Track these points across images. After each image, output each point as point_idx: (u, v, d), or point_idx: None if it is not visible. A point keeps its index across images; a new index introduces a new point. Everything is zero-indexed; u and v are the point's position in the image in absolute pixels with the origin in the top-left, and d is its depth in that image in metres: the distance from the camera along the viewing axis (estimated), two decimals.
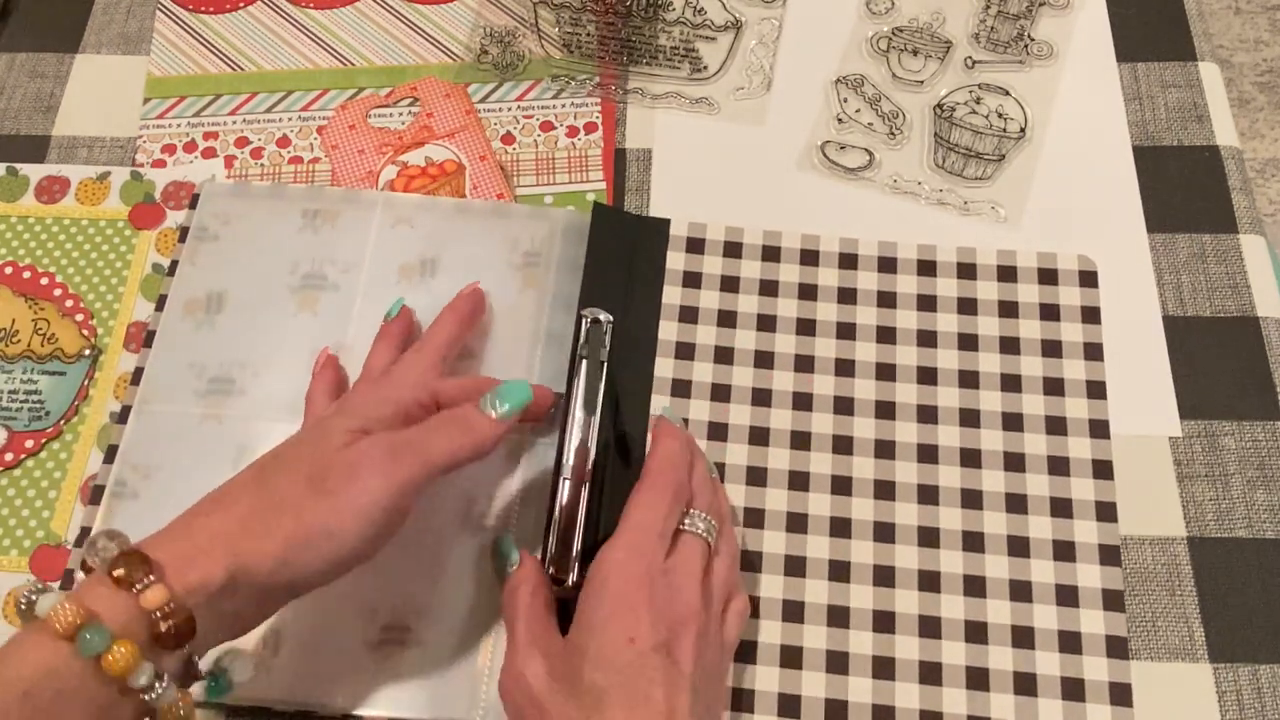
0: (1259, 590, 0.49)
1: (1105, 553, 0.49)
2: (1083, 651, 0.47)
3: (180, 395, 0.53)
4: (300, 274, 0.55)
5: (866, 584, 0.49)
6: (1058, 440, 0.51)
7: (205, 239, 0.57)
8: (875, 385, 0.53)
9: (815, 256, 0.56)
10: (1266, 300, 0.55)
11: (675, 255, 0.56)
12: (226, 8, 0.66)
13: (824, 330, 0.54)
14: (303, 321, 0.54)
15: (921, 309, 0.55)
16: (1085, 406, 0.52)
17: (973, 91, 0.61)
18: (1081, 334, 0.54)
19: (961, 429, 0.52)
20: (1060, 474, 0.51)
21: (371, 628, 0.47)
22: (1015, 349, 0.54)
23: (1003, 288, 0.55)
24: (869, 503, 0.50)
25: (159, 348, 0.54)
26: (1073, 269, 0.56)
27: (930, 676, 0.47)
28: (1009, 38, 0.63)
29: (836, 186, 0.59)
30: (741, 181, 0.59)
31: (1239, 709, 0.46)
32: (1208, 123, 0.60)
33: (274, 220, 0.57)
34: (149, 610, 0.35)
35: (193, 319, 0.55)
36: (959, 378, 0.53)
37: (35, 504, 0.52)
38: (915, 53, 0.63)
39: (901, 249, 0.56)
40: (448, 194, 0.58)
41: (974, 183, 0.59)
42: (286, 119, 0.62)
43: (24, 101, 0.63)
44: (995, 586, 0.48)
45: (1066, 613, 0.48)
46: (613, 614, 0.40)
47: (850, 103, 0.62)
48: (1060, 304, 0.55)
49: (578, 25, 0.63)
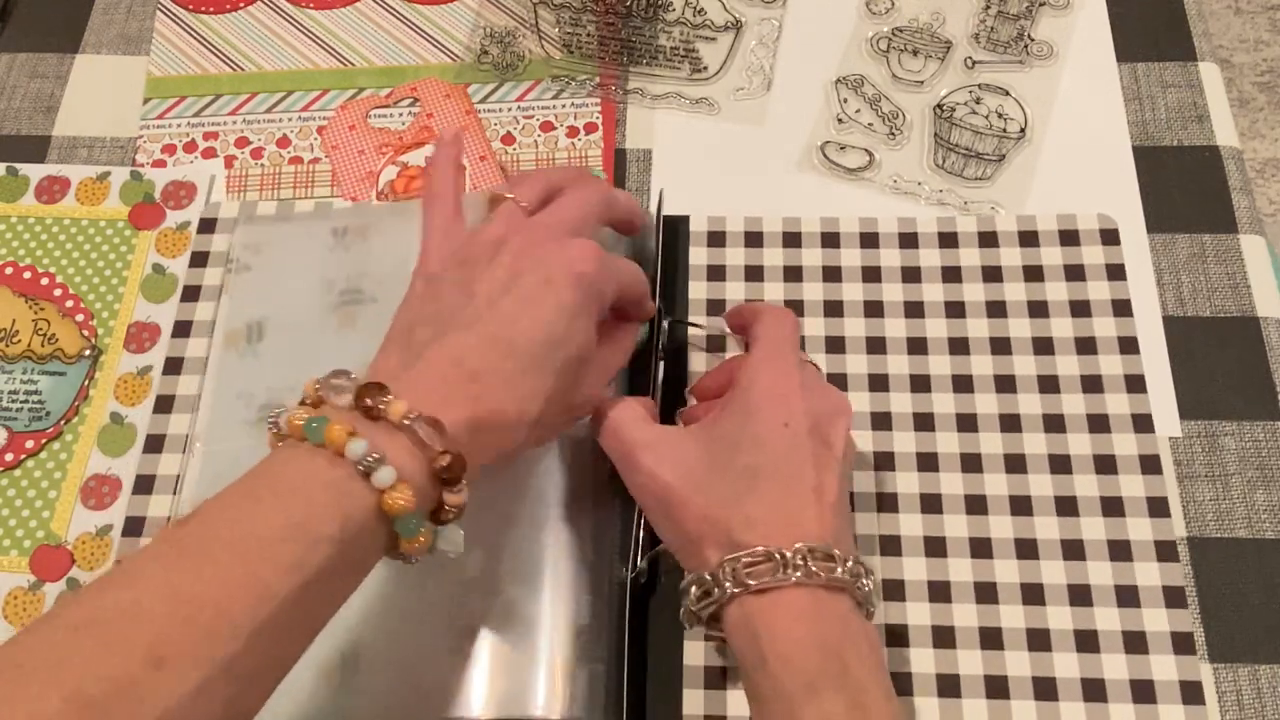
0: (1259, 590, 0.49)
1: (1153, 505, 0.49)
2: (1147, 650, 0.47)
3: (233, 427, 0.52)
4: (336, 291, 0.55)
5: (918, 556, 0.49)
6: (1095, 398, 0.51)
7: (238, 270, 0.56)
8: (908, 360, 0.53)
9: (836, 239, 0.56)
10: (1266, 300, 0.55)
11: (697, 250, 0.56)
12: (226, 8, 0.66)
13: (851, 310, 0.54)
14: (344, 338, 0.54)
15: (947, 280, 0.55)
16: (1119, 363, 0.52)
17: (973, 92, 0.62)
18: (1109, 291, 0.54)
19: (999, 395, 0.52)
20: (1101, 431, 0.51)
21: (449, 634, 0.47)
22: (1044, 312, 0.54)
23: (1025, 253, 0.55)
24: (913, 475, 0.50)
25: (208, 385, 0.54)
26: (1094, 228, 0.56)
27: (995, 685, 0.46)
28: (1009, 38, 0.63)
29: (837, 187, 0.59)
30: (742, 182, 0.59)
31: (1239, 709, 0.46)
32: (1208, 123, 0.60)
33: (303, 242, 0.57)
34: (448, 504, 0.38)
35: (235, 350, 0.54)
36: (990, 345, 0.53)
37: (35, 504, 0.52)
38: (915, 53, 0.63)
39: (921, 223, 0.56)
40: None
41: (974, 183, 0.59)
42: (286, 119, 0.62)
43: (24, 101, 0.63)
44: (1046, 548, 0.48)
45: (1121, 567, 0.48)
46: (765, 402, 0.42)
47: (850, 103, 0.62)
48: (1085, 264, 0.55)
49: (578, 25, 0.63)
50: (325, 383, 0.38)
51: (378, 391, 0.37)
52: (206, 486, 0.51)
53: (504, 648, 0.47)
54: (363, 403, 0.37)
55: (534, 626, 0.48)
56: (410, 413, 0.36)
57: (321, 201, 0.59)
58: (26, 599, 0.50)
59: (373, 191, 0.59)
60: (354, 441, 0.35)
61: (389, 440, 0.36)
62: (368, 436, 0.36)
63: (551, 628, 0.47)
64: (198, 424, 0.53)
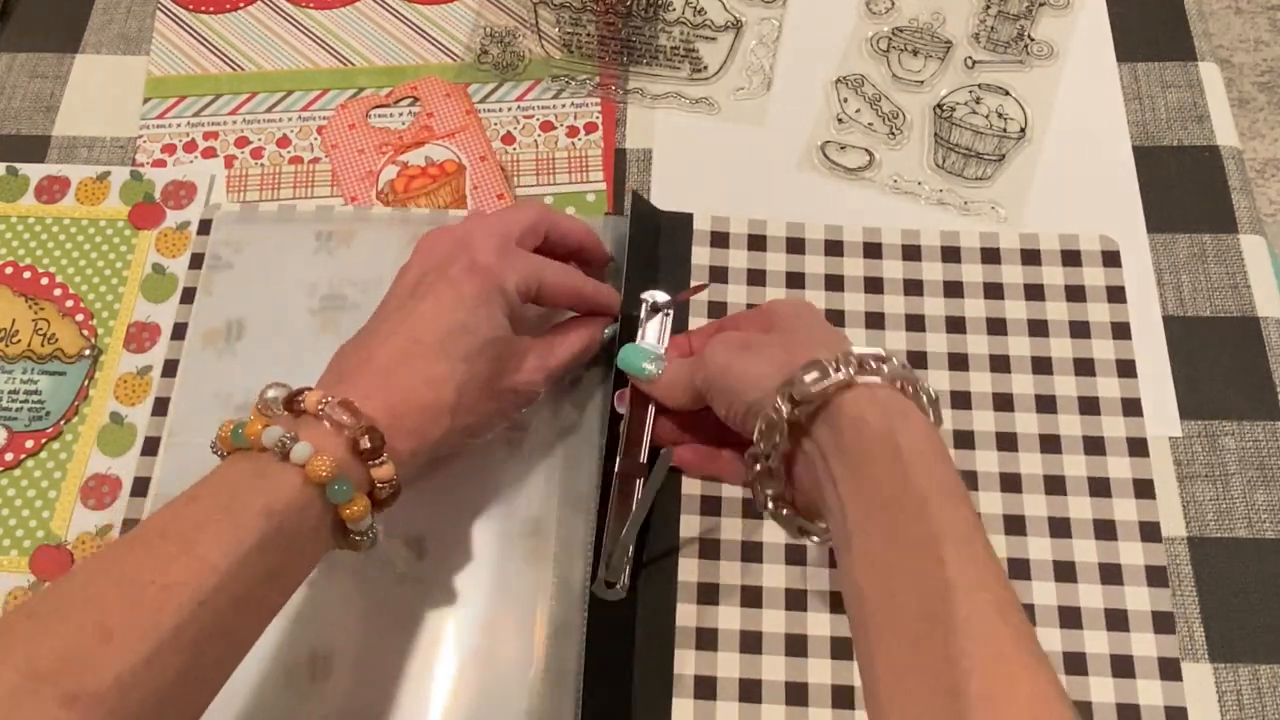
0: (1259, 590, 0.49)
1: (1146, 529, 0.49)
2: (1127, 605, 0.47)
3: (209, 426, 0.52)
4: (319, 296, 0.55)
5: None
6: (1092, 420, 0.52)
7: (219, 268, 0.57)
8: None
9: (840, 247, 0.56)
10: (1266, 300, 0.55)
11: (700, 250, 0.56)
12: (226, 8, 0.66)
13: (853, 320, 0.55)
14: (326, 343, 0.53)
15: (949, 295, 0.55)
16: (1117, 385, 0.53)
17: (973, 91, 0.61)
18: (1108, 314, 0.54)
19: (996, 413, 0.52)
20: (1096, 453, 0.51)
21: (420, 641, 0.47)
22: (1044, 331, 0.54)
23: (1027, 271, 0.55)
24: None
25: (182, 379, 0.54)
26: (1095, 249, 0.56)
27: None
28: (1009, 38, 0.63)
29: (837, 186, 0.59)
30: (742, 181, 0.59)
31: (1239, 709, 0.46)
32: (1208, 123, 0.60)
33: (287, 244, 0.57)
34: (376, 479, 0.41)
35: (213, 349, 0.54)
36: (990, 362, 0.53)
37: (35, 504, 0.52)
38: (915, 53, 0.63)
39: (925, 236, 0.56)
40: (448, 194, 0.58)
41: (974, 183, 0.59)
42: (286, 119, 0.62)
43: (24, 101, 0.63)
44: (1039, 569, 0.49)
45: (1106, 546, 0.49)
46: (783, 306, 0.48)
47: (850, 103, 0.62)
48: (1085, 284, 0.55)
49: (578, 25, 0.63)
50: (261, 397, 0.43)
51: (298, 392, 0.42)
52: (175, 481, 0.52)
53: (477, 656, 0.47)
54: (288, 404, 0.41)
55: (507, 634, 0.48)
56: (324, 399, 0.41)
57: (304, 204, 0.59)
58: (26, 599, 0.50)
59: (373, 191, 0.59)
60: (268, 429, 0.39)
61: (308, 426, 0.40)
62: (285, 425, 0.40)
63: (525, 636, 0.48)
64: (168, 419, 0.53)
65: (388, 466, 0.41)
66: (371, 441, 0.40)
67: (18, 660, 0.33)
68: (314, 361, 0.54)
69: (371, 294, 0.54)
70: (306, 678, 0.47)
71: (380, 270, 0.55)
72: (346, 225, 0.57)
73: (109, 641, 0.34)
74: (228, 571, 0.36)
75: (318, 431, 0.40)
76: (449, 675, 0.47)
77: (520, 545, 0.50)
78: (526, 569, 0.49)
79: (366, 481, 0.41)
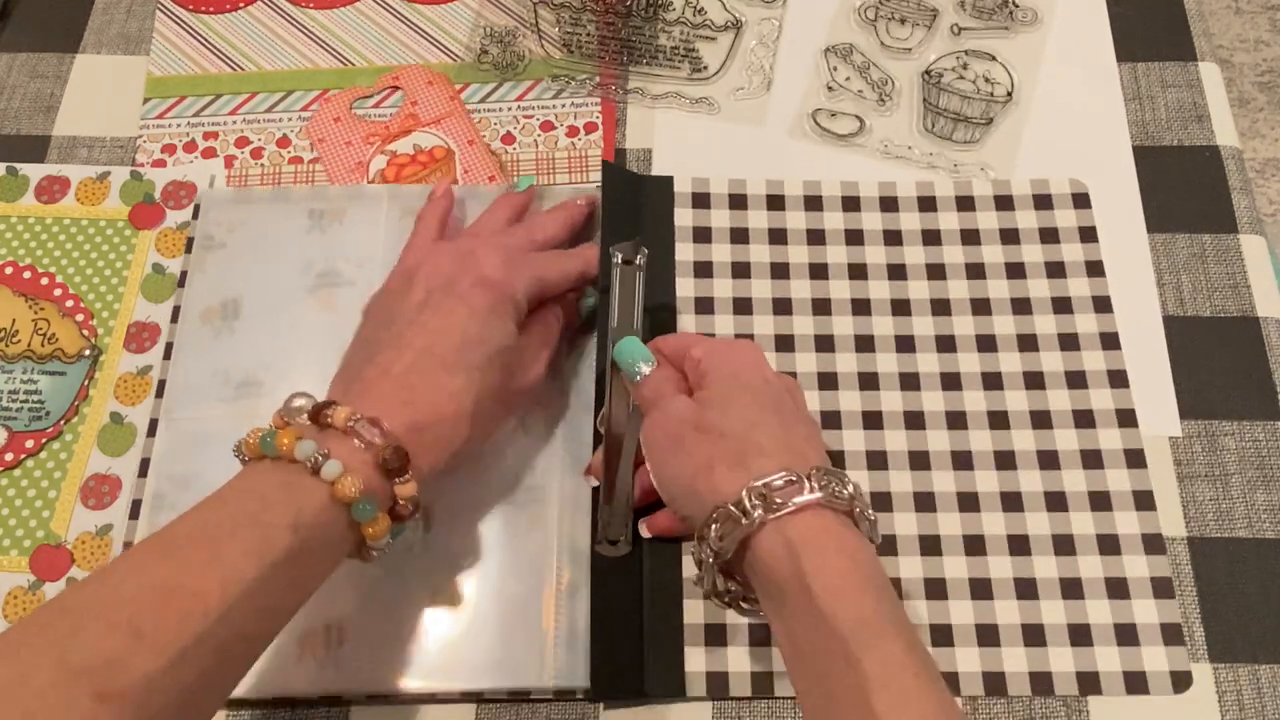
0: (1259, 590, 0.49)
1: (1130, 457, 0.51)
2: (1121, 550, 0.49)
3: (207, 402, 0.53)
4: (314, 273, 0.56)
5: (909, 511, 0.50)
6: (1072, 355, 0.53)
7: (212, 247, 0.57)
8: (892, 321, 0.54)
9: (819, 201, 0.57)
10: (1266, 300, 0.55)
11: (683, 212, 0.57)
12: (226, 8, 0.66)
13: (836, 272, 0.56)
14: (323, 319, 0.55)
15: (927, 243, 0.56)
16: (1094, 321, 0.54)
17: (959, 58, 0.62)
18: (1082, 253, 0.56)
19: (980, 354, 0.53)
20: (1079, 387, 0.52)
21: (432, 607, 0.48)
22: (1021, 273, 0.55)
23: (1001, 216, 0.57)
24: (901, 434, 0.51)
25: (179, 357, 0.54)
26: (1065, 192, 0.58)
27: (935, 592, 0.48)
28: (994, 4, 0.64)
29: (828, 153, 0.60)
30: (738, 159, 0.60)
31: (1239, 709, 0.46)
32: (1208, 123, 0.60)
33: (280, 223, 0.57)
34: (399, 496, 0.42)
35: (210, 327, 0.55)
36: (971, 305, 0.55)
37: (35, 504, 0.52)
38: (903, 21, 0.64)
39: (901, 187, 0.58)
40: (440, 179, 0.59)
41: (963, 146, 0.60)
42: (286, 119, 0.62)
43: (24, 101, 0.63)
44: (1031, 499, 0.50)
45: (1102, 517, 0.50)
46: (741, 368, 0.46)
47: (840, 71, 0.62)
48: (1058, 226, 0.56)
49: (578, 25, 0.63)
50: (286, 406, 0.43)
51: (326, 405, 0.42)
52: (177, 457, 0.52)
53: (489, 620, 0.48)
54: (315, 416, 0.42)
55: (518, 598, 0.48)
56: (353, 416, 0.42)
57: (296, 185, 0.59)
58: (26, 599, 0.50)
59: (364, 181, 0.59)
60: (302, 443, 0.40)
61: (336, 441, 0.41)
62: (316, 439, 0.41)
63: (534, 599, 0.48)
64: (166, 397, 0.53)
65: (411, 485, 0.42)
66: (398, 460, 0.41)
67: (54, 656, 0.34)
68: (312, 340, 0.54)
69: (366, 270, 0.55)
70: (321, 645, 0.48)
71: (374, 247, 0.56)
72: (338, 203, 0.58)
73: (140, 641, 0.35)
74: (254, 581, 0.37)
75: (346, 448, 0.41)
76: (461, 641, 0.48)
77: (525, 511, 0.50)
78: (532, 534, 0.50)
79: (389, 499, 0.42)
